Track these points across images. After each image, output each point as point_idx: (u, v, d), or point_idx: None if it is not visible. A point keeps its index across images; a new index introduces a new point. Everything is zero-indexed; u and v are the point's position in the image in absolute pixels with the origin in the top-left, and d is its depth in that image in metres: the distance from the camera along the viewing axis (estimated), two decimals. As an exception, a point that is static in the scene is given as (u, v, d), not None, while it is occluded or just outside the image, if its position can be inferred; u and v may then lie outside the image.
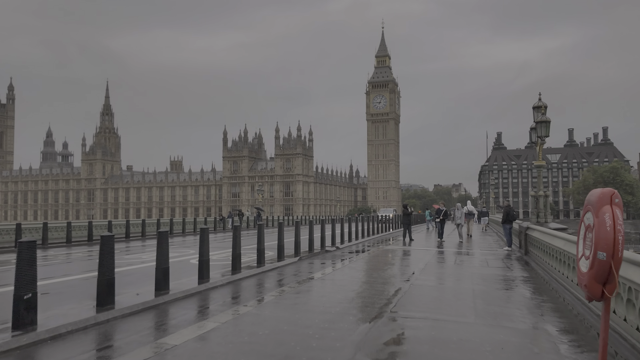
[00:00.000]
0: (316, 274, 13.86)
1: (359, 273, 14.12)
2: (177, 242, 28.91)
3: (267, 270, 14.63)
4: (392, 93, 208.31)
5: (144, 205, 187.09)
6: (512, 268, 15.91)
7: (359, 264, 16.37)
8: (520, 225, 21.28)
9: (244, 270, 13.96)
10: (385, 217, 41.91)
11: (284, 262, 16.20)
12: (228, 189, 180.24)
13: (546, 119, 20.11)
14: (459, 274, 14.23)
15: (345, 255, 19.81)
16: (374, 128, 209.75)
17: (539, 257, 16.42)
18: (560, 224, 21.79)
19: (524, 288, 11.96)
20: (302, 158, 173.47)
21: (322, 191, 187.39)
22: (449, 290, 11.47)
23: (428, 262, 16.87)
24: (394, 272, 14.41)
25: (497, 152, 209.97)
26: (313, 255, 19.22)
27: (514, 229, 24.89)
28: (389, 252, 21.55)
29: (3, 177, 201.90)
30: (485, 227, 45.60)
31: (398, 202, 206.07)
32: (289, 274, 13.99)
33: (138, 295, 10.15)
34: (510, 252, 21.64)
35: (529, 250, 19.21)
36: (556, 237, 12.90)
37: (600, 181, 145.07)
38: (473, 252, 21.35)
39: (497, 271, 15.03)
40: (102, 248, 9.10)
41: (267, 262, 15.92)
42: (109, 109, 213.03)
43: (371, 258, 18.57)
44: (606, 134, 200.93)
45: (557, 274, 12.47)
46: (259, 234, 15.18)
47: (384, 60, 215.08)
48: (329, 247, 22.54)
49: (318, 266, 15.86)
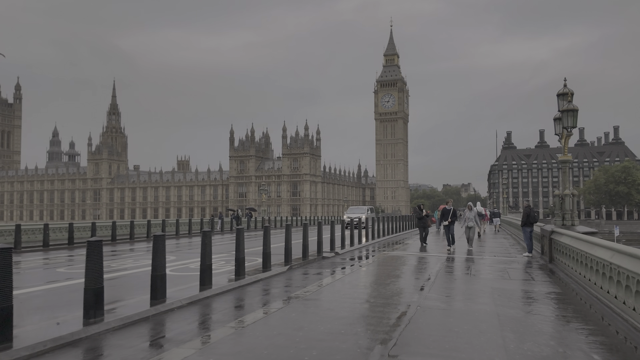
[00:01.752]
0: (302, 290, 11.40)
1: (354, 290, 11.61)
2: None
3: (246, 284, 12.23)
4: (400, 92, 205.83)
5: (150, 205, 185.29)
6: (537, 280, 13.45)
7: (357, 276, 13.93)
8: (543, 229, 18.81)
9: (218, 283, 11.60)
10: (353, 221, 30.32)
11: (269, 273, 13.80)
12: (235, 188, 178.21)
13: (573, 107, 17.63)
14: (476, 289, 11.76)
15: (343, 263, 17.41)
16: (382, 127, 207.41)
17: (568, 266, 13.99)
18: (588, 227, 19.32)
19: (560, 311, 9.54)
20: (309, 157, 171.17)
21: (330, 191, 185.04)
22: (466, 315, 9.00)
23: (438, 274, 14.40)
24: (398, 288, 11.96)
25: (506, 152, 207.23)
26: (307, 263, 16.83)
27: (534, 233, 22.45)
28: (394, 259, 19.10)
29: (9, 177, 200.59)
30: (497, 229, 43.72)
31: (407, 202, 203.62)
32: (268, 291, 11.60)
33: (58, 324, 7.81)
34: (531, 259, 19.21)
35: (555, 257, 16.75)
36: (599, 245, 10.41)
37: (612, 181, 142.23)
38: (489, 260, 18.88)
39: (521, 285, 12.60)
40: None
41: (249, 273, 13.57)
42: (115, 108, 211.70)
43: (372, 267, 16.14)
44: (617, 133, 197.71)
45: (600, 292, 10.03)
46: (237, 241, 12.76)
47: (392, 59, 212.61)
48: (327, 252, 20.16)
49: (307, 279, 13.46)
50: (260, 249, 18.30)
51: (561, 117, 18.14)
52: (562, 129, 18.15)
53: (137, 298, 10.12)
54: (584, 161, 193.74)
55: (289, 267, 15.28)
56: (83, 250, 26.98)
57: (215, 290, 10.94)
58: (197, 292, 10.65)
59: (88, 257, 7.93)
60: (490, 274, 14.51)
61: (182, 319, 8.64)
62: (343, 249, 22.28)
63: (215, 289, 11.00)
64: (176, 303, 9.47)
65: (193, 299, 9.99)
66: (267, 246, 14.39)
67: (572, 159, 18.32)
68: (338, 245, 22.67)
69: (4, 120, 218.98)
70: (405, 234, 37.83)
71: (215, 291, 10.88)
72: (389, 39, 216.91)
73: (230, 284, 11.74)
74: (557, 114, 18.88)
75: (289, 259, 15.87)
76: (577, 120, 17.65)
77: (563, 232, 15.54)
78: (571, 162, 18.97)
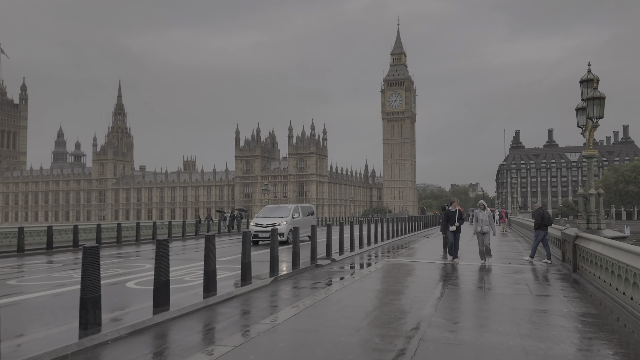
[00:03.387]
0: (280, 313, 9.32)
1: (342, 314, 9.35)
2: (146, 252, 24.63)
3: (215, 303, 10.15)
4: (407, 91, 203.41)
5: (156, 206, 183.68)
6: (564, 295, 11.34)
7: (349, 294, 11.66)
8: (565, 233, 16.65)
9: (178, 303, 9.58)
10: (265, 230, 24.49)
11: (248, 288, 11.74)
12: (240, 189, 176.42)
13: (599, 94, 15.47)
14: (493, 311, 9.59)
15: (338, 273, 15.31)
16: (389, 127, 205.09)
17: (599, 278, 11.90)
18: (616, 231, 17.25)
19: (601, 340, 7.47)
20: (315, 157, 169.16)
21: (336, 191, 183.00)
22: (484, 352, 6.91)
23: (446, 288, 12.27)
24: (397, 310, 9.83)
25: (515, 151, 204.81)
26: (297, 274, 14.76)
27: (552, 237, 20.33)
28: (397, 268, 16.96)
29: (14, 178, 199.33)
30: (505, 230, 42.28)
31: (414, 202, 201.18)
32: (240, 314, 9.55)
33: None
34: (549, 266, 17.14)
35: (580, 266, 14.62)
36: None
37: (622, 180, 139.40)
38: (503, 268, 16.73)
39: (546, 303, 10.48)
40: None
41: (225, 287, 11.56)
42: (121, 108, 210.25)
43: (369, 280, 13.92)
44: (627, 132, 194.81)
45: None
46: (206, 250, 10.71)
47: (399, 57, 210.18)
48: (322, 259, 18.12)
49: (291, 296, 11.39)
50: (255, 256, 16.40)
51: (585, 106, 16.00)
52: (586, 120, 16.04)
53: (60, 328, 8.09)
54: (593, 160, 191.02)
55: (274, 278, 13.23)
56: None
57: (171, 313, 8.89)
58: (150, 315, 8.63)
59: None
60: (508, 287, 12.39)
61: (113, 356, 6.62)
62: (342, 254, 20.25)
63: (173, 312, 8.96)
64: (111, 334, 7.41)
65: (137, 327, 7.95)
66: (246, 255, 12.31)
67: (597, 153, 16.12)
68: (336, 250, 20.63)
69: (9, 121, 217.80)
70: (411, 236, 35.67)
71: (170, 315, 8.83)
72: (395, 37, 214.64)
73: (193, 305, 9.67)
74: (580, 104, 16.74)
75: (275, 269, 13.81)
76: (603, 109, 15.48)
77: (590, 237, 13.41)
78: (597, 156, 16.53)
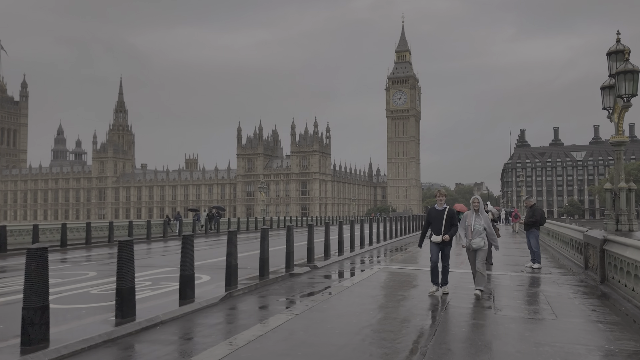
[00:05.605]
0: (204, 355, 6.61)
1: (302, 351, 6.78)
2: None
3: (124, 335, 7.44)
4: (412, 89, 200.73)
5: (157, 204, 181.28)
6: (598, 320, 8.63)
7: (319, 318, 8.84)
8: (588, 236, 13.87)
9: (67, 337, 6.90)
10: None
11: (185, 310, 9.01)
12: (242, 187, 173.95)
13: (632, 67, 12.69)
14: (507, 354, 6.87)
15: (317, 285, 12.57)
16: (394, 125, 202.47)
17: (638, 294, 9.24)
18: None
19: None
20: (318, 155, 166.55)
21: (340, 190, 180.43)
22: None
23: (447, 313, 9.62)
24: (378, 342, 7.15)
25: (520, 150, 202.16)
26: (262, 286, 12.02)
27: (570, 239, 17.58)
28: (390, 279, 14.28)
29: (12, 176, 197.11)
30: (516, 229, 39.81)
31: (418, 201, 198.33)
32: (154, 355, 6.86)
33: None
34: (537, 270, 15.24)
35: (609, 276, 11.88)
36: None
37: (629, 179, 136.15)
38: (514, 278, 13.95)
39: (579, 333, 7.73)
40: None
41: (151, 310, 8.89)
42: (122, 105, 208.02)
43: (350, 297, 11.06)
44: (633, 130, 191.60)
45: None
46: (119, 263, 8.01)
47: (404, 55, 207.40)
48: (301, 265, 15.44)
49: (235, 324, 8.70)
50: (214, 261, 13.89)
51: (614, 83, 13.24)
52: (615, 100, 13.32)
53: None
54: (599, 159, 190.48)
55: (228, 294, 10.49)
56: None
57: (48, 354, 6.21)
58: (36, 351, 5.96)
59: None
60: (523, 308, 9.60)
61: None
62: (327, 259, 17.54)
63: (51, 351, 6.28)
64: None
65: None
66: (187, 265, 9.60)
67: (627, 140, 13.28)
68: (320, 254, 17.93)
69: (9, 119, 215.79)
70: (412, 236, 32.87)
71: (66, 350, 6.16)
72: (400, 35, 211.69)
73: (86, 341, 6.93)
74: (607, 81, 13.96)
75: (232, 281, 11.08)
76: (637, 85, 12.69)
77: (626, 242, 10.63)
78: (627, 143, 13.67)
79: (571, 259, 17.23)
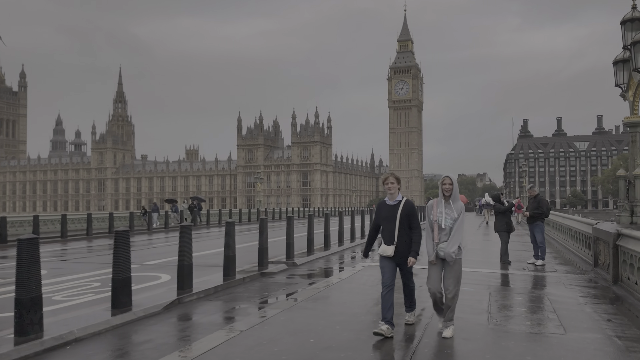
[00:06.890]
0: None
1: None
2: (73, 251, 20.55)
3: (20, 358, 5.91)
4: (414, 79, 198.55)
5: (156, 195, 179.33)
6: (615, 334, 7.03)
7: (267, 337, 7.19)
8: (598, 229, 12.27)
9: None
10: None
11: (119, 321, 7.41)
12: (243, 178, 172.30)
13: (652, 38, 11.09)
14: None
15: (290, 287, 11.01)
16: (396, 115, 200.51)
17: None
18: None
19: None
20: (320, 146, 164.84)
21: (341, 181, 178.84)
22: None
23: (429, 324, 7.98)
24: None
25: (523, 140, 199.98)
26: (227, 287, 10.44)
27: (578, 233, 15.97)
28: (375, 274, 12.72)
29: (11, 167, 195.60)
30: (518, 220, 38.21)
31: (421, 192, 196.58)
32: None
33: None
34: (541, 267, 13.72)
35: (623, 276, 10.32)
36: None
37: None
38: (516, 277, 12.39)
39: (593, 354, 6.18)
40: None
41: (64, 324, 7.33)
42: (122, 96, 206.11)
43: (324, 302, 9.48)
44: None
45: None
46: (19, 271, 6.42)
47: (406, 44, 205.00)
48: (278, 262, 13.90)
49: (171, 340, 7.14)
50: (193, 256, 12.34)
51: (629, 56, 11.61)
52: (631, 74, 11.70)
53: None
54: (602, 150, 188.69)
55: (177, 300, 8.91)
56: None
57: None
58: None
59: None
60: (525, 318, 7.97)
61: None
62: (310, 254, 16.01)
63: None
64: None
65: None
66: (121, 267, 7.99)
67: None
68: (303, 250, 16.39)
69: (8, 109, 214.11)
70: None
71: None
72: (402, 24, 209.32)
73: None
74: (620, 54, 12.38)
75: (185, 284, 9.50)
76: (657, 58, 11.08)
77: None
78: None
79: (578, 254, 15.67)
